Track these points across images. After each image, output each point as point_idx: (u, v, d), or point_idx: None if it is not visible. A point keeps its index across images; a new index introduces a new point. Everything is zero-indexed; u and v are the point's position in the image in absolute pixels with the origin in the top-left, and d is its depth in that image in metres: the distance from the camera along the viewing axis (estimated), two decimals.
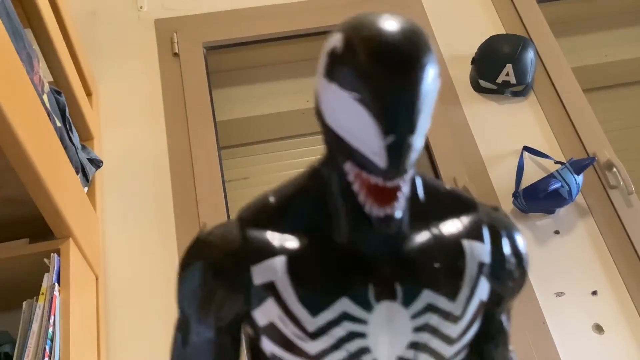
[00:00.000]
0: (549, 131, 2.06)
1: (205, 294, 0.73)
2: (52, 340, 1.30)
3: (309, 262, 0.71)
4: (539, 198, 1.80)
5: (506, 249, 0.77)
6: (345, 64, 0.59)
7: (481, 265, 0.75)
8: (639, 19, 2.61)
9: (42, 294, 1.35)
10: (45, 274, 1.38)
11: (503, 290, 0.78)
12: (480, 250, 0.75)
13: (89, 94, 1.97)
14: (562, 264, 1.81)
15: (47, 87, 1.52)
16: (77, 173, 1.61)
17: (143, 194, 1.88)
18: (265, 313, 0.71)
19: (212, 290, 0.72)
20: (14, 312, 1.39)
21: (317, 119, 0.66)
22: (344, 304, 0.69)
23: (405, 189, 0.65)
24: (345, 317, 0.69)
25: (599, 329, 1.72)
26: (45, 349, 1.27)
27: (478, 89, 2.13)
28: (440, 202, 0.76)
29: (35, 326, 1.31)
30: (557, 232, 1.86)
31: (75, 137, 1.67)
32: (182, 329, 0.79)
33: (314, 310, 0.69)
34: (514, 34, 2.17)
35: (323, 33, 2.27)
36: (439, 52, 2.20)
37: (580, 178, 1.81)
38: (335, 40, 0.61)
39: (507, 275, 0.78)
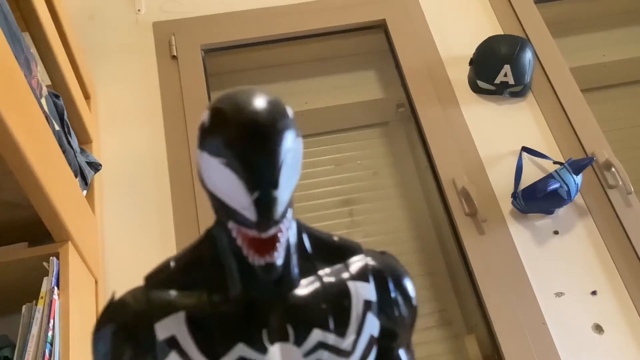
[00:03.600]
0: (547, 131, 2.06)
1: (116, 355, 0.78)
2: (51, 344, 1.30)
3: (207, 314, 0.77)
4: (538, 198, 1.80)
5: (391, 287, 0.84)
6: (212, 134, 0.68)
7: (367, 303, 0.81)
8: (637, 19, 2.62)
9: (42, 297, 1.35)
10: (45, 278, 1.38)
11: (393, 326, 0.85)
12: (365, 290, 0.82)
13: (87, 97, 1.97)
14: (561, 264, 1.81)
15: (45, 91, 1.52)
16: (76, 176, 1.61)
17: (142, 197, 1.88)
18: None
19: (122, 351, 0.78)
20: (13, 315, 1.39)
21: (201, 186, 0.73)
22: (241, 349, 0.75)
23: (283, 238, 0.71)
24: None
25: (598, 329, 1.72)
26: (44, 352, 1.27)
27: (476, 89, 2.13)
28: (327, 250, 0.83)
29: (34, 330, 1.31)
30: (556, 233, 1.87)
31: (74, 141, 1.67)
32: None
33: (214, 358, 0.75)
34: (512, 35, 2.17)
35: (321, 35, 2.28)
36: (437, 53, 2.20)
37: (579, 178, 1.81)
38: (204, 115, 0.70)
39: (395, 311, 0.84)
